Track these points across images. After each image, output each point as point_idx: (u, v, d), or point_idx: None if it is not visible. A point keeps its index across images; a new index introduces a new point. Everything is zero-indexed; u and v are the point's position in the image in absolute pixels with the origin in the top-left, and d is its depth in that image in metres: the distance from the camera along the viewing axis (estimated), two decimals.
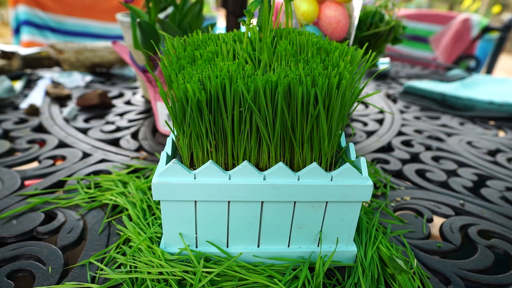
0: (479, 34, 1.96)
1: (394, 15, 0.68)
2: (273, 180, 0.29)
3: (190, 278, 0.30)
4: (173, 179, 0.28)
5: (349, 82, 0.27)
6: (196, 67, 0.29)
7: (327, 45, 0.33)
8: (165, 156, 0.30)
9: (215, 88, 0.26)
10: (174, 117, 0.29)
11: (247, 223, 0.31)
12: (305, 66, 0.28)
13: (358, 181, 0.30)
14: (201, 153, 0.30)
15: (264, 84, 0.26)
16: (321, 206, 0.31)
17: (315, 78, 0.26)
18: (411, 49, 2.23)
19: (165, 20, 0.53)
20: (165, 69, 0.30)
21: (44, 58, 0.96)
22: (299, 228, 0.32)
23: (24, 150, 0.53)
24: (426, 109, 0.88)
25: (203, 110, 0.27)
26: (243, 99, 0.27)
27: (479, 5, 4.43)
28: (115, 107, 0.75)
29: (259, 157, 0.31)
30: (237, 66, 0.28)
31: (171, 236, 0.32)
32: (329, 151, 0.30)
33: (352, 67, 0.29)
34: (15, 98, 0.76)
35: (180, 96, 0.26)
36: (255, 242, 0.33)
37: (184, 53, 0.32)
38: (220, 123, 0.28)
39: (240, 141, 0.29)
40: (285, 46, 0.31)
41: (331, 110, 0.28)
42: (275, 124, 0.28)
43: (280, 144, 0.29)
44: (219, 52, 0.32)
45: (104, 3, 1.83)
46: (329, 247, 0.33)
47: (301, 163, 0.31)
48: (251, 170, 0.29)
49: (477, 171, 0.56)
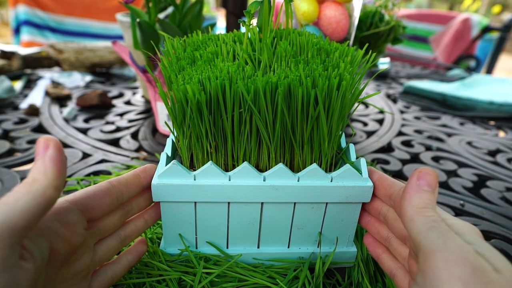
0: (479, 34, 1.95)
1: (394, 15, 0.68)
2: (273, 181, 0.29)
3: (190, 279, 0.30)
4: (173, 180, 0.28)
5: (349, 83, 0.27)
6: (196, 68, 0.29)
7: (327, 46, 0.33)
8: (165, 157, 0.30)
9: (215, 89, 0.26)
10: (174, 118, 0.29)
11: (247, 224, 0.31)
12: (305, 67, 0.28)
13: (358, 182, 0.30)
14: (201, 154, 0.30)
15: (264, 85, 0.26)
16: (321, 207, 0.31)
17: (315, 79, 0.26)
18: (411, 49, 2.23)
19: (165, 20, 0.53)
20: (165, 70, 0.30)
21: (44, 58, 0.96)
22: (299, 229, 0.32)
23: (24, 150, 0.53)
24: (426, 109, 0.88)
25: (203, 111, 0.27)
26: (243, 100, 0.27)
27: (479, 5, 4.43)
28: (115, 107, 0.75)
29: (259, 158, 0.31)
30: (237, 67, 0.28)
31: (171, 237, 0.32)
32: (329, 152, 0.30)
33: (352, 68, 0.29)
34: (15, 98, 0.76)
35: (180, 97, 0.26)
36: (255, 243, 0.33)
37: (184, 54, 0.31)
38: (220, 124, 0.28)
39: (240, 142, 0.29)
40: (285, 47, 0.31)
41: (331, 111, 0.28)
42: (275, 125, 0.28)
43: (280, 145, 0.29)
44: (219, 52, 0.32)
45: (104, 3, 1.83)
46: (329, 248, 0.33)
47: (301, 164, 0.31)
48: (251, 171, 0.28)
49: (477, 171, 0.56)
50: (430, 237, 0.20)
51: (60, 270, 0.22)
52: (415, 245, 0.21)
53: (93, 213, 0.25)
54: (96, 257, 0.26)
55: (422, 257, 0.20)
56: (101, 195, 0.25)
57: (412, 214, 0.22)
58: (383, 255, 0.30)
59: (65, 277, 0.23)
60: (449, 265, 0.18)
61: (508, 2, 6.20)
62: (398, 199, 0.27)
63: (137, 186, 0.28)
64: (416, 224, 0.21)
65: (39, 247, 0.20)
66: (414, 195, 0.23)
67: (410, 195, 0.23)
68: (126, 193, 0.27)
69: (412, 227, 0.21)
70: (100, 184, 0.26)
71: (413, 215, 0.22)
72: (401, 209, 0.23)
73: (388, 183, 0.29)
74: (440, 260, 0.19)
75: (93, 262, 0.26)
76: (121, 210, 0.28)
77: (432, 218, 0.21)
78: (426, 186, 0.23)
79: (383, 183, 0.29)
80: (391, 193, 0.28)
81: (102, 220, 0.26)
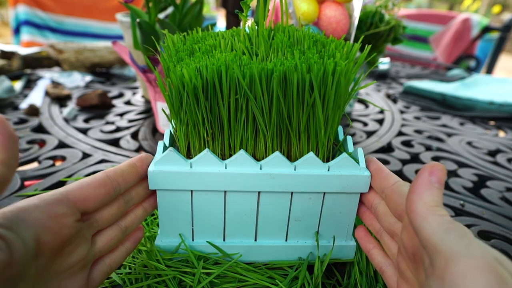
0: (479, 34, 1.95)
1: (394, 15, 0.68)
2: (270, 170, 0.29)
3: (190, 280, 0.30)
4: (170, 167, 0.28)
5: (345, 70, 0.27)
6: (194, 59, 0.29)
7: (324, 39, 0.33)
8: (162, 145, 0.30)
9: (211, 75, 0.26)
10: (171, 104, 0.28)
11: (244, 215, 0.31)
12: (301, 56, 0.28)
13: (356, 172, 0.30)
14: (198, 143, 0.30)
15: (260, 71, 0.26)
16: (319, 198, 0.31)
17: (311, 66, 0.26)
18: (411, 49, 2.23)
19: (165, 20, 0.53)
20: (164, 61, 0.30)
21: (44, 58, 0.96)
22: (297, 221, 0.32)
23: (24, 150, 0.53)
24: (426, 109, 0.88)
25: (199, 97, 0.27)
26: (239, 86, 0.27)
27: (479, 5, 4.43)
28: (115, 107, 0.75)
29: (255, 148, 0.30)
30: (233, 57, 0.28)
31: (167, 228, 0.31)
32: (326, 142, 0.30)
33: (348, 59, 0.29)
34: (15, 98, 0.76)
35: (177, 83, 0.26)
36: (252, 236, 0.32)
37: (183, 47, 0.31)
38: (216, 110, 0.28)
39: (237, 130, 0.29)
40: (282, 38, 0.31)
41: (327, 98, 0.27)
42: (271, 112, 0.27)
43: (277, 135, 0.29)
44: (217, 45, 0.32)
45: (104, 3, 1.83)
46: (327, 242, 0.33)
47: (298, 154, 0.30)
48: (248, 159, 0.28)
49: (477, 171, 0.56)
50: (449, 240, 0.19)
51: (53, 262, 0.22)
52: (428, 247, 0.20)
53: (88, 204, 0.24)
54: (96, 248, 0.26)
55: (440, 261, 0.19)
56: (96, 186, 0.25)
57: (425, 212, 0.21)
58: (374, 250, 0.29)
59: (60, 269, 0.23)
60: (474, 273, 0.17)
61: (508, 2, 6.20)
62: (390, 193, 0.26)
63: (134, 175, 0.28)
64: (430, 224, 0.20)
65: (21, 238, 0.19)
66: (425, 191, 0.21)
67: (421, 190, 0.21)
68: (123, 183, 0.27)
69: (425, 226, 0.20)
70: (95, 175, 0.26)
71: (426, 213, 0.20)
72: (410, 204, 0.22)
73: (384, 175, 0.28)
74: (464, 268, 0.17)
75: (92, 253, 0.25)
76: (120, 200, 0.28)
77: (447, 219, 0.20)
78: (437, 183, 0.22)
79: (380, 174, 0.29)
80: (385, 186, 0.27)
81: (99, 212, 0.26)
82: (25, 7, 1.66)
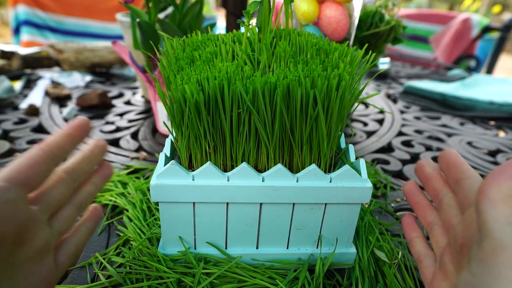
0: (479, 34, 1.95)
1: (394, 15, 0.68)
2: (272, 182, 0.29)
3: (190, 281, 0.30)
4: (172, 180, 0.28)
5: (349, 84, 0.27)
6: (194, 68, 0.29)
7: (327, 46, 0.33)
8: (164, 157, 0.30)
9: (213, 90, 0.26)
10: (173, 118, 0.28)
11: (246, 225, 0.31)
12: (304, 67, 0.28)
13: (358, 183, 0.30)
14: (200, 154, 0.30)
15: (263, 86, 0.26)
16: (320, 208, 0.31)
17: (314, 79, 0.26)
18: (411, 49, 2.23)
19: (165, 20, 0.53)
20: (164, 70, 0.30)
21: (44, 58, 0.96)
22: (298, 230, 0.32)
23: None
24: (426, 109, 0.88)
25: (201, 111, 0.27)
26: (241, 100, 0.27)
27: (479, 5, 4.43)
28: (115, 107, 0.75)
29: (257, 159, 0.31)
30: (235, 67, 0.28)
31: (170, 237, 0.31)
32: (328, 153, 0.30)
33: (351, 68, 0.29)
34: (14, 98, 0.75)
35: (178, 97, 0.26)
36: (254, 244, 0.32)
37: (183, 54, 0.31)
38: (218, 124, 0.28)
39: (239, 143, 0.29)
40: (284, 47, 0.30)
41: (330, 112, 0.27)
42: (274, 125, 0.27)
43: (279, 146, 0.29)
44: (218, 53, 0.32)
45: (104, 3, 1.83)
46: (328, 249, 0.33)
47: (300, 164, 0.30)
48: (250, 171, 0.28)
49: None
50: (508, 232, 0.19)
51: (16, 251, 0.22)
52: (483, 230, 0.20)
53: (33, 184, 0.24)
54: (55, 230, 0.25)
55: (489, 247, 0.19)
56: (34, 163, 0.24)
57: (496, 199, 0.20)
58: (417, 239, 0.29)
59: (25, 257, 0.23)
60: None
61: (508, 2, 6.20)
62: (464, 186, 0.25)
63: (70, 144, 0.27)
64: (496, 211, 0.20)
65: None
66: (506, 179, 0.20)
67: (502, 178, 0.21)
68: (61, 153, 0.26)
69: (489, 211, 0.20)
70: (29, 152, 0.25)
71: (496, 200, 0.20)
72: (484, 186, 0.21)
73: (462, 169, 0.27)
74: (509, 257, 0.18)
75: (53, 235, 0.25)
76: (66, 179, 0.27)
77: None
78: None
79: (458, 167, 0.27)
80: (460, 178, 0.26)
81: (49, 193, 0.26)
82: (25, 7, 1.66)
